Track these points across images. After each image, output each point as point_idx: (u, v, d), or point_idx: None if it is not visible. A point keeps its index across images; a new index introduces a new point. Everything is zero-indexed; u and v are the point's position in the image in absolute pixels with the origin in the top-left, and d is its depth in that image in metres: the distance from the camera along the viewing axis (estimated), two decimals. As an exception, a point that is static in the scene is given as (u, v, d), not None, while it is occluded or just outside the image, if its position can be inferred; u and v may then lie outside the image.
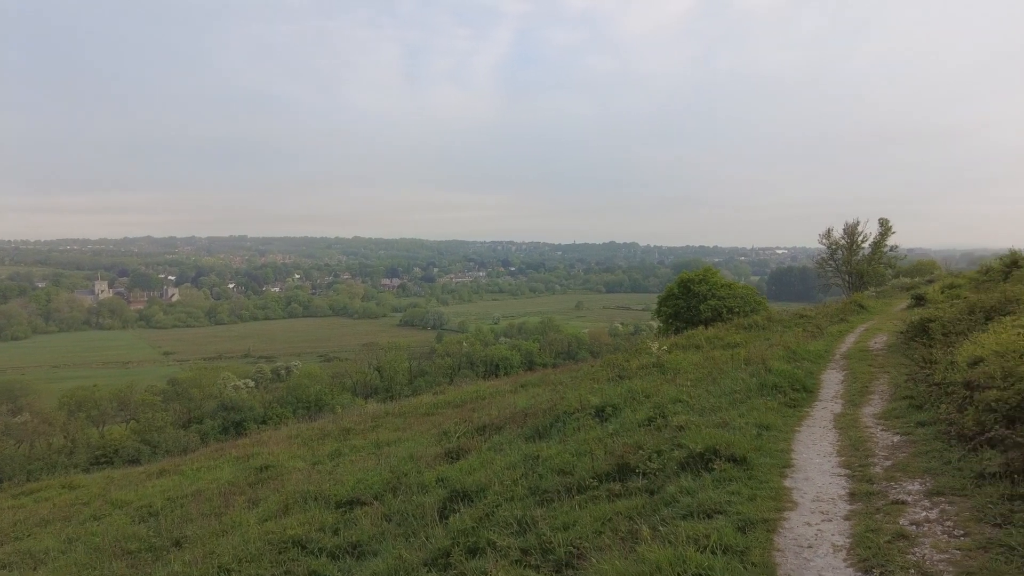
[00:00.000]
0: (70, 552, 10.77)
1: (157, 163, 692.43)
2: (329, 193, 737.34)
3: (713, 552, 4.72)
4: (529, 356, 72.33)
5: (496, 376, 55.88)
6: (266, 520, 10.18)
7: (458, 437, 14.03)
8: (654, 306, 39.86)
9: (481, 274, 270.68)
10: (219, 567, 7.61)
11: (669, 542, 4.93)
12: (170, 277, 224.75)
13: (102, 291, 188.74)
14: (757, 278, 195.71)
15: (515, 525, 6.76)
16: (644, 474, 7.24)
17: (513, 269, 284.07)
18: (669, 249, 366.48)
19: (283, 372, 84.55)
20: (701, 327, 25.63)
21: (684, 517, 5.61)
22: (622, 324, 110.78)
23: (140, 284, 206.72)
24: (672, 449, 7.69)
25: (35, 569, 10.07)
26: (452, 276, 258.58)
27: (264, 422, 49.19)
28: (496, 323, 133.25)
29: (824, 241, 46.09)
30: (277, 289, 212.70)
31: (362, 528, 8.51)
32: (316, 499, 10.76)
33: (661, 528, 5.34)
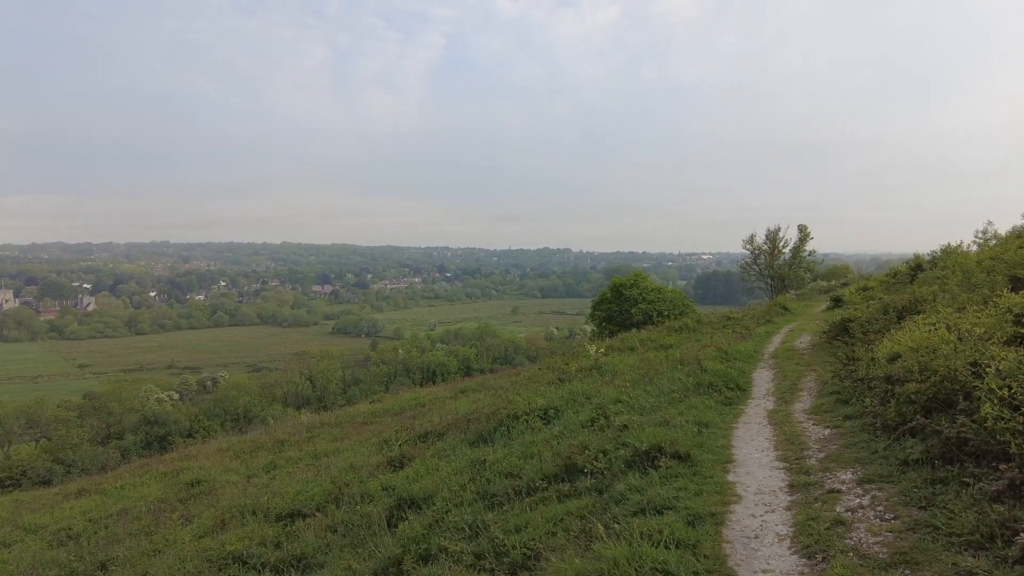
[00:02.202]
0: (-20, 582, 10.03)
1: (68, 165, 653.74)
2: (256, 198, 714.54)
3: (667, 547, 4.86)
4: (467, 362, 72.11)
5: (433, 383, 55.34)
6: (202, 536, 9.78)
7: (400, 445, 13.85)
8: (588, 310, 40.58)
9: (416, 280, 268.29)
10: (154, 588, 7.26)
11: (623, 539, 5.05)
12: (85, 285, 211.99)
13: (7, 300, 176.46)
14: (684, 282, 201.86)
15: (466, 530, 6.75)
16: (592, 474, 7.37)
17: (449, 275, 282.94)
18: (601, 255, 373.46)
19: (209, 383, 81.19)
20: (634, 330, 26.28)
21: (635, 514, 5.75)
22: (557, 328, 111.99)
23: (51, 293, 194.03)
24: (617, 448, 7.85)
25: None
26: (386, 282, 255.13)
27: (191, 436, 47.16)
28: (432, 329, 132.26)
29: (748, 246, 48.13)
30: (202, 297, 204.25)
31: (306, 540, 8.30)
32: (254, 513, 10.42)
33: (614, 526, 5.46)
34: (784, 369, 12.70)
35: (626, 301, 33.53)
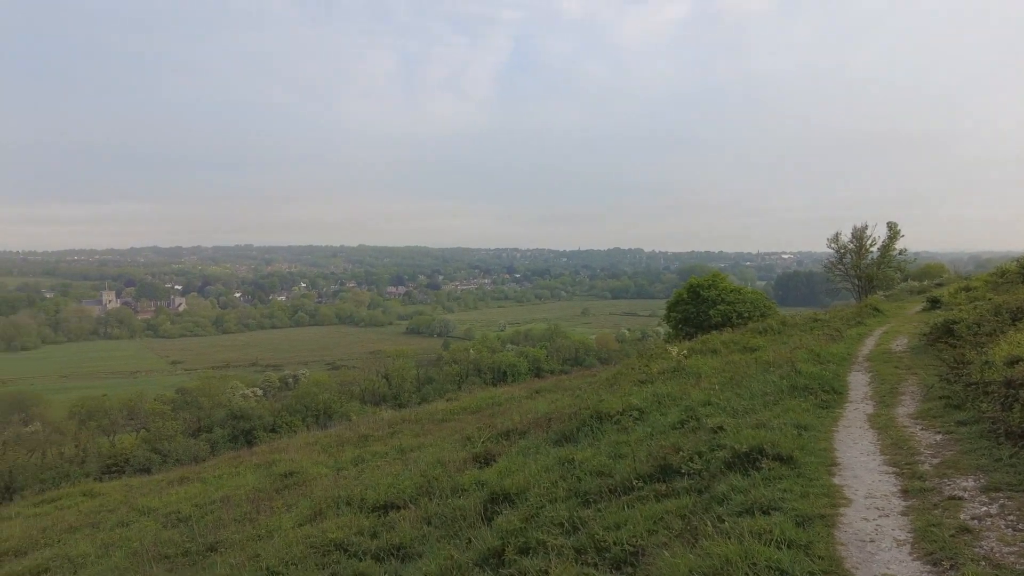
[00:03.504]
0: (107, 557, 10.87)
1: (161, 173, 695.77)
2: (333, 202, 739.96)
3: (778, 546, 4.79)
4: (537, 363, 72.26)
5: (504, 383, 55.85)
6: (301, 524, 10.26)
7: (483, 442, 14.08)
8: (661, 312, 39.87)
9: (486, 281, 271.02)
10: (266, 569, 7.69)
11: (733, 537, 5.00)
12: (177, 287, 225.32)
13: (110, 301, 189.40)
14: (763, 283, 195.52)
15: (564, 525, 6.83)
16: (689, 474, 7.31)
17: (518, 276, 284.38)
18: (674, 255, 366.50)
19: (291, 380, 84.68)
20: (714, 332, 25.69)
21: (740, 514, 5.68)
22: (629, 330, 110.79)
23: (147, 294, 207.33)
24: (712, 450, 7.77)
25: (75, 573, 10.17)
26: (457, 283, 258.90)
27: (274, 430, 49.22)
28: (502, 330, 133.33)
29: (832, 245, 46.07)
30: (283, 298, 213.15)
31: (402, 531, 8.58)
32: (349, 503, 10.83)
33: (720, 525, 5.41)
34: (881, 372, 12.17)
35: (703, 302, 32.79)
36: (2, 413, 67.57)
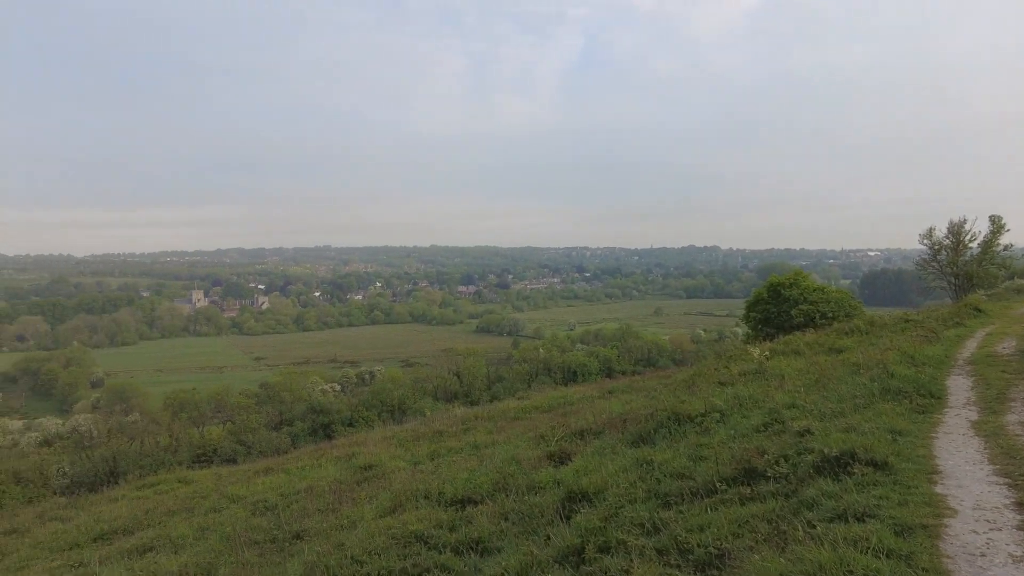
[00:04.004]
0: (204, 539, 11.53)
1: (245, 178, 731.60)
2: (405, 203, 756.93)
3: (876, 555, 4.56)
4: (608, 363, 71.58)
5: (574, 383, 55.62)
6: (382, 516, 10.54)
7: (557, 441, 14.08)
8: (739, 311, 38.62)
9: (555, 280, 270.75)
10: (351, 558, 7.94)
11: (826, 543, 4.80)
12: (260, 286, 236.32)
13: (199, 300, 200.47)
14: (848, 281, 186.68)
15: (645, 526, 6.74)
16: (774, 478, 7.07)
17: (588, 275, 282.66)
18: (752, 252, 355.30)
19: (367, 376, 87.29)
20: (796, 333, 24.72)
21: (831, 520, 5.45)
22: (705, 330, 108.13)
23: (232, 293, 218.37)
24: (799, 453, 7.49)
25: (176, 552, 10.84)
26: (526, 283, 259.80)
27: (351, 424, 50.74)
28: (572, 329, 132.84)
29: (925, 241, 43.33)
30: (360, 297, 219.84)
31: (480, 525, 8.68)
32: (427, 497, 11.05)
33: (811, 530, 5.21)
34: (986, 376, 11.39)
35: (785, 302, 31.61)
36: (108, 403, 72.78)
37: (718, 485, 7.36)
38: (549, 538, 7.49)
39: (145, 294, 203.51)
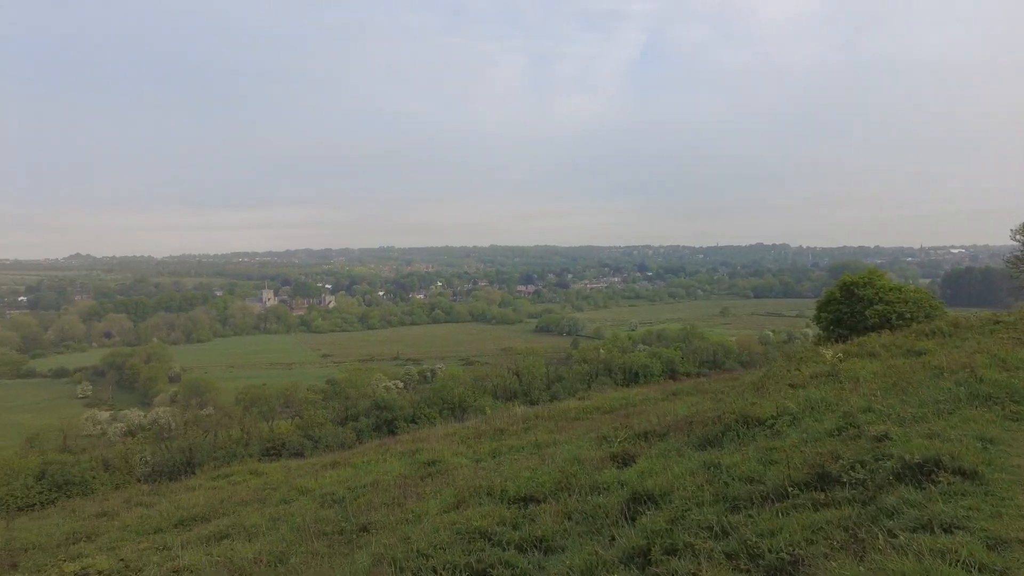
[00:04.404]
0: (275, 529, 11.97)
1: (313, 181, 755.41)
2: (465, 204, 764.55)
3: (967, 569, 4.32)
4: (671, 364, 70.19)
5: (636, 384, 54.86)
6: (446, 511, 10.68)
7: (620, 442, 13.95)
8: (809, 312, 37.29)
9: (616, 280, 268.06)
10: (416, 552, 8.08)
11: (909, 554, 4.58)
12: (327, 286, 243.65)
13: (269, 299, 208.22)
14: (927, 281, 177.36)
15: (713, 529, 6.60)
16: (850, 484, 6.80)
17: (650, 274, 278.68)
18: (824, 250, 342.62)
19: (428, 374, 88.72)
20: (872, 334, 23.66)
21: (914, 530, 5.19)
22: (773, 331, 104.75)
23: (301, 292, 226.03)
24: (877, 459, 7.18)
25: (250, 540, 11.30)
26: (586, 282, 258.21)
27: (414, 421, 51.67)
28: (633, 330, 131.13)
29: (1018, 237, 40.67)
30: (421, 296, 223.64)
31: (543, 524, 8.68)
32: (490, 494, 11.13)
33: (893, 539, 4.98)
34: (1086, 382, 10.59)
35: (859, 302, 30.27)
36: (185, 396, 76.48)
37: (790, 490, 7.14)
38: (614, 538, 7.43)
39: (219, 293, 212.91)
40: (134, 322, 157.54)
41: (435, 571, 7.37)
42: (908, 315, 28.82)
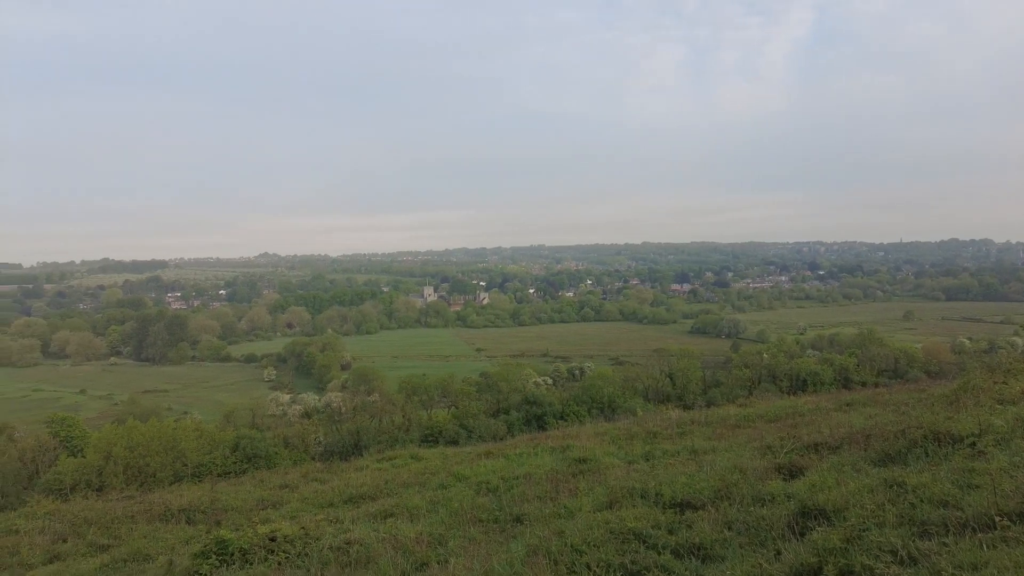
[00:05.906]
0: (435, 512, 12.59)
1: (469, 184, 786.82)
2: (616, 201, 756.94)
3: None
4: (844, 372, 64.67)
5: (803, 392, 51.10)
6: (598, 509, 10.59)
7: (786, 453, 13.05)
8: (1018, 318, 32.43)
9: (783, 279, 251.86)
10: (570, 547, 8.08)
11: None
12: (481, 283, 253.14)
13: (429, 295, 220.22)
14: None
15: (897, 554, 5.94)
16: (1078, 519, 5.79)
17: (822, 273, 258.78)
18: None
19: (577, 372, 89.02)
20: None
21: None
22: (970, 339, 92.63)
23: (457, 289, 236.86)
24: (1115, 493, 6.05)
25: (412, 520, 11.98)
26: (748, 281, 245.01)
27: (563, 417, 52.07)
28: (802, 333, 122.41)
29: None
30: (571, 294, 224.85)
31: (701, 531, 8.33)
32: (643, 496, 10.88)
33: None
34: None
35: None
36: (354, 383, 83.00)
37: (997, 520, 6.24)
38: (779, 553, 6.95)
39: (385, 289, 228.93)
40: (312, 314, 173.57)
41: (589, 568, 7.32)
42: None
